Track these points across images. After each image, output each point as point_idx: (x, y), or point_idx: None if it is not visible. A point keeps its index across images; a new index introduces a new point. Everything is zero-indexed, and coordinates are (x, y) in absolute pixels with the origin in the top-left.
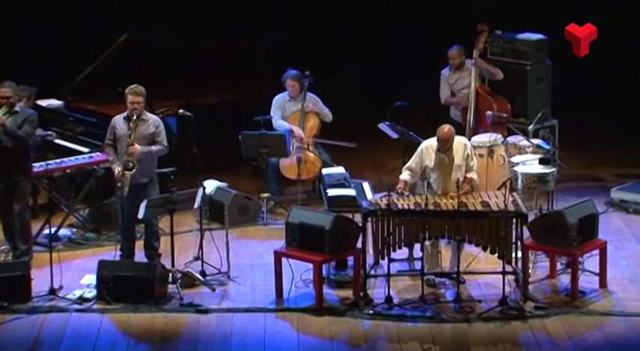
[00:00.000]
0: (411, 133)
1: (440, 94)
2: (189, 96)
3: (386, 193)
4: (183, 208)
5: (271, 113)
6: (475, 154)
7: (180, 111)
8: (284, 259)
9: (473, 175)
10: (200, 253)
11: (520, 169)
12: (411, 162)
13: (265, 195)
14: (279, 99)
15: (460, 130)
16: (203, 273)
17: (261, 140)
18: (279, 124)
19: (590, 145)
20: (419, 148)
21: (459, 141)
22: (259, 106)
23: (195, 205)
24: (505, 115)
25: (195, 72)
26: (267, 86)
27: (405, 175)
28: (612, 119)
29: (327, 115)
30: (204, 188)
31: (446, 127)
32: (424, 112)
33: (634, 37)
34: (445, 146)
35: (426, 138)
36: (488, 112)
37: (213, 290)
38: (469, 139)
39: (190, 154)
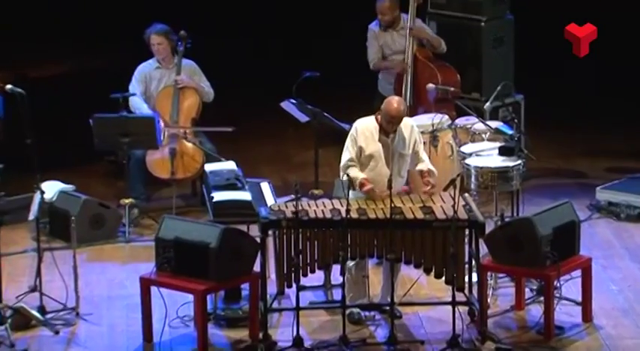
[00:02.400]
0: (325, 114)
1: (367, 57)
2: (21, 66)
3: (293, 196)
4: (14, 219)
5: (130, 88)
6: None
7: (8, 87)
8: (154, 289)
9: (429, 165)
10: (38, 283)
11: (474, 162)
12: (349, 153)
13: (127, 201)
14: (143, 68)
15: None
16: (42, 309)
17: (122, 126)
18: (137, 104)
19: (568, 129)
20: (352, 131)
21: (404, 122)
22: (118, 78)
23: (31, 217)
24: (453, 89)
25: (28, 34)
26: (130, 53)
27: (356, 172)
28: (595, 93)
29: (208, 92)
30: (42, 193)
31: (395, 100)
32: (344, 86)
33: None
34: (394, 126)
35: (348, 122)
36: (430, 85)
37: (57, 333)
38: None
39: (23, 146)
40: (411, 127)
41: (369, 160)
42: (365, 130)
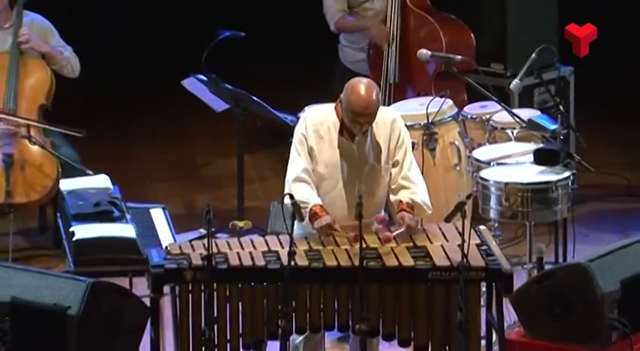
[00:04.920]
0: (255, 99)
1: (325, 11)
2: None
3: (203, 231)
4: None
5: None
6: None
7: None
8: None
9: (413, 194)
10: None
11: (494, 176)
12: (301, 161)
13: None
14: None
15: None
16: None
17: None
18: None
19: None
20: (299, 126)
21: (380, 114)
22: None
23: None
24: (460, 58)
25: None
26: None
27: (306, 192)
28: None
29: (69, 59)
30: None
31: (363, 85)
32: (284, 53)
33: None
34: (363, 127)
35: (291, 112)
36: (423, 51)
37: None
38: None
39: None
40: (391, 121)
41: (321, 177)
42: (318, 125)
